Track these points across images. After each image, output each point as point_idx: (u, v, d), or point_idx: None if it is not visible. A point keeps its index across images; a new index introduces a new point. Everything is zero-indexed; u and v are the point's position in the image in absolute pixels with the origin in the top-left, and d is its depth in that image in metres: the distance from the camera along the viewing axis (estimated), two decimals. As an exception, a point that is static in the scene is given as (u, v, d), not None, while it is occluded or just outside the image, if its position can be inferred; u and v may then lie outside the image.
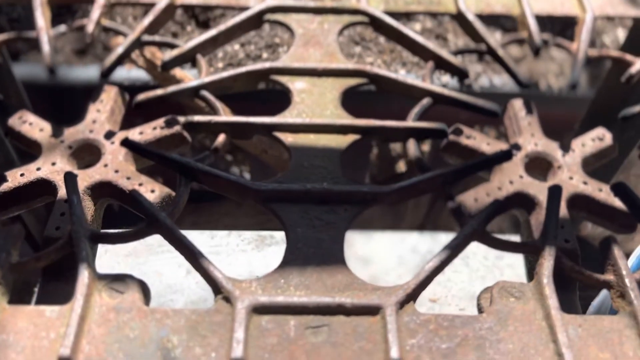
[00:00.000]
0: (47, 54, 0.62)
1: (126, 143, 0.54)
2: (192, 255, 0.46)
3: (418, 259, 0.84)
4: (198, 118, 0.58)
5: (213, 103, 0.60)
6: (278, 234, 0.81)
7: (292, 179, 0.53)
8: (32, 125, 0.58)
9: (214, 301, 0.44)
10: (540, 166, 0.58)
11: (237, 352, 0.39)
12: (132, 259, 0.78)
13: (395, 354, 0.40)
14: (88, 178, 0.52)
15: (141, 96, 0.60)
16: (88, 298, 0.42)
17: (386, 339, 0.41)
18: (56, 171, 0.53)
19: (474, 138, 0.58)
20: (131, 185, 0.52)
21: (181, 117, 0.58)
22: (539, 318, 0.43)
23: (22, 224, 0.73)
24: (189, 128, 0.58)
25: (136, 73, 1.02)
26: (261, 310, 0.43)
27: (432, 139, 1.14)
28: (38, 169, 0.54)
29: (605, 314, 0.46)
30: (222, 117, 0.58)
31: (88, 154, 0.56)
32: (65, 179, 0.49)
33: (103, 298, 0.43)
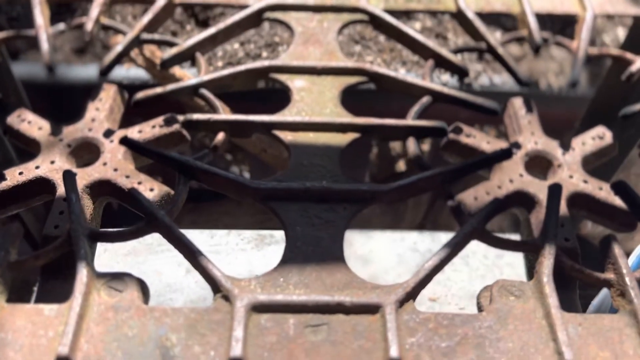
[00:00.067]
0: (46, 53, 0.62)
1: (125, 141, 0.54)
2: (191, 253, 0.46)
3: (418, 258, 0.84)
4: (197, 116, 0.57)
5: (212, 101, 0.60)
6: (278, 233, 0.81)
7: (292, 178, 0.52)
8: (31, 123, 0.58)
9: (213, 300, 0.43)
10: (540, 165, 0.58)
11: (236, 351, 0.39)
12: (132, 258, 0.78)
13: (394, 353, 0.40)
14: (87, 176, 0.52)
15: (140, 94, 0.60)
16: (87, 296, 0.42)
17: (386, 338, 0.41)
18: (55, 170, 0.53)
19: (474, 137, 0.58)
20: (130, 183, 0.52)
21: (180, 116, 0.58)
22: (539, 317, 0.43)
23: (21, 223, 0.73)
24: (188, 126, 0.57)
25: (135, 71, 1.02)
26: (260, 308, 0.42)
27: (432, 138, 1.13)
28: (37, 168, 0.53)
29: (605, 313, 0.46)
30: (222, 115, 0.58)
31: (87, 153, 0.56)
32: (64, 178, 0.49)
33: (102, 296, 0.43)
